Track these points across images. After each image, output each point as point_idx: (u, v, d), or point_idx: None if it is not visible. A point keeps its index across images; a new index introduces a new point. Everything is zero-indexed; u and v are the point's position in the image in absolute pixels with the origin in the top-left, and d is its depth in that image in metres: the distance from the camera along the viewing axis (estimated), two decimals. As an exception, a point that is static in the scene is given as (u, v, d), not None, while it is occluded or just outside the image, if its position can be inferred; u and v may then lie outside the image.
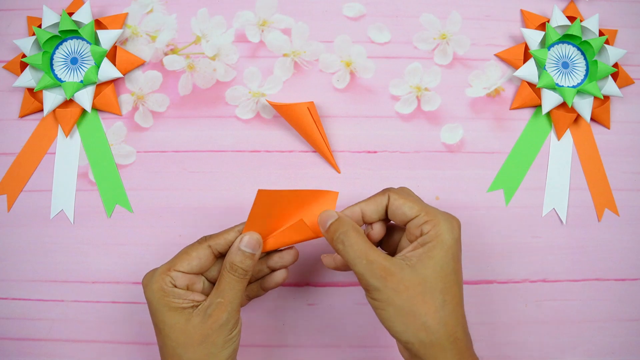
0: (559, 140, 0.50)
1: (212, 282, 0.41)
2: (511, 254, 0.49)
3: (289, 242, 0.41)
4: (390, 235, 0.42)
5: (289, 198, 0.40)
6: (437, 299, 0.35)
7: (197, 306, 0.38)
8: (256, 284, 0.43)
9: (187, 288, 0.39)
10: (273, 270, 0.43)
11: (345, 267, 0.40)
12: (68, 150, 0.50)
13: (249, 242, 0.39)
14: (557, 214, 0.50)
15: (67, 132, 0.49)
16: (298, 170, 0.50)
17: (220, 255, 0.41)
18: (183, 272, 0.39)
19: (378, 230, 0.40)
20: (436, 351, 0.35)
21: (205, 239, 0.41)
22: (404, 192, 0.39)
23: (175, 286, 0.39)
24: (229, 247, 0.40)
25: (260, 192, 0.38)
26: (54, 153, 0.50)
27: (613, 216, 0.50)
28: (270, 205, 0.39)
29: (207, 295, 0.40)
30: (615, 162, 0.50)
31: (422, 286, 0.35)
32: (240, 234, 0.40)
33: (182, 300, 0.38)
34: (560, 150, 0.50)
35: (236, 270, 0.38)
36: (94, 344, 0.48)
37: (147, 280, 0.39)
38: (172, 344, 0.38)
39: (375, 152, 0.50)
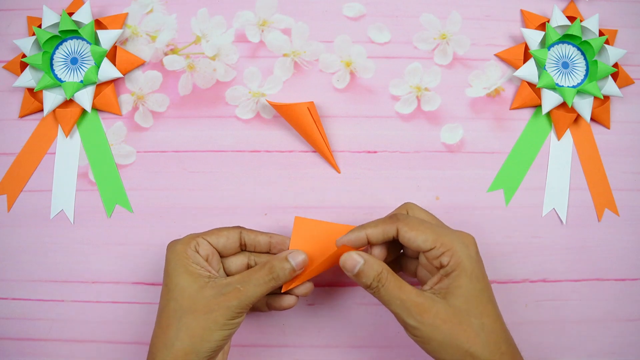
0: (559, 140, 0.50)
1: (227, 274, 0.43)
2: (511, 254, 0.49)
3: (325, 268, 0.41)
4: (404, 255, 0.43)
5: (326, 231, 0.41)
6: (475, 324, 0.36)
7: (213, 278, 0.39)
8: (263, 298, 0.43)
9: (207, 260, 0.41)
10: (284, 292, 0.43)
11: None
12: (68, 150, 0.50)
13: (296, 257, 0.40)
14: (557, 214, 0.50)
15: (67, 132, 0.49)
16: (298, 170, 0.50)
17: (244, 249, 0.43)
18: (209, 242, 0.41)
19: (379, 253, 0.40)
20: None
21: (239, 227, 0.43)
22: (413, 220, 0.38)
23: (198, 252, 0.40)
24: (255, 245, 0.43)
25: (297, 219, 0.41)
26: (54, 153, 0.50)
27: (613, 216, 0.50)
28: (308, 235, 0.41)
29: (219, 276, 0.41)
30: (615, 162, 0.50)
31: (457, 316, 0.36)
32: (271, 240, 0.42)
33: (200, 268, 0.39)
34: (560, 150, 0.50)
35: (271, 273, 0.39)
36: (94, 344, 0.48)
37: (173, 243, 0.41)
38: (175, 306, 0.38)
39: (375, 152, 0.50)
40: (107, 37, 0.49)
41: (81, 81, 0.49)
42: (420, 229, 0.38)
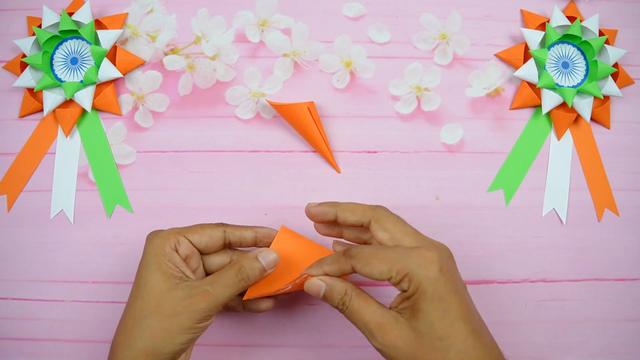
0: (559, 140, 0.50)
1: (207, 273, 0.42)
2: (511, 254, 0.49)
3: (290, 291, 0.41)
4: None
5: (305, 248, 0.41)
6: (441, 346, 0.34)
7: (185, 280, 0.38)
8: (238, 298, 0.43)
9: (185, 259, 0.40)
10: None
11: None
12: (68, 150, 0.50)
13: (266, 256, 0.39)
14: (557, 214, 0.50)
15: (67, 132, 0.49)
16: (298, 170, 0.50)
17: (229, 246, 0.42)
18: (190, 241, 0.40)
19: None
20: None
21: (223, 224, 0.42)
22: (366, 253, 0.36)
23: (177, 251, 0.39)
24: (240, 242, 0.42)
25: (282, 229, 0.41)
26: (54, 153, 0.50)
27: (613, 216, 0.50)
28: (288, 248, 0.40)
29: (196, 278, 0.40)
30: (615, 162, 0.50)
31: (420, 339, 0.34)
32: (257, 235, 0.42)
33: (174, 268, 0.38)
34: (560, 150, 0.50)
35: (241, 273, 0.38)
36: (94, 344, 0.48)
37: (153, 235, 0.40)
38: (141, 304, 0.37)
39: (375, 152, 0.50)
40: (107, 37, 0.49)
41: (81, 81, 0.49)
42: (373, 263, 0.35)
